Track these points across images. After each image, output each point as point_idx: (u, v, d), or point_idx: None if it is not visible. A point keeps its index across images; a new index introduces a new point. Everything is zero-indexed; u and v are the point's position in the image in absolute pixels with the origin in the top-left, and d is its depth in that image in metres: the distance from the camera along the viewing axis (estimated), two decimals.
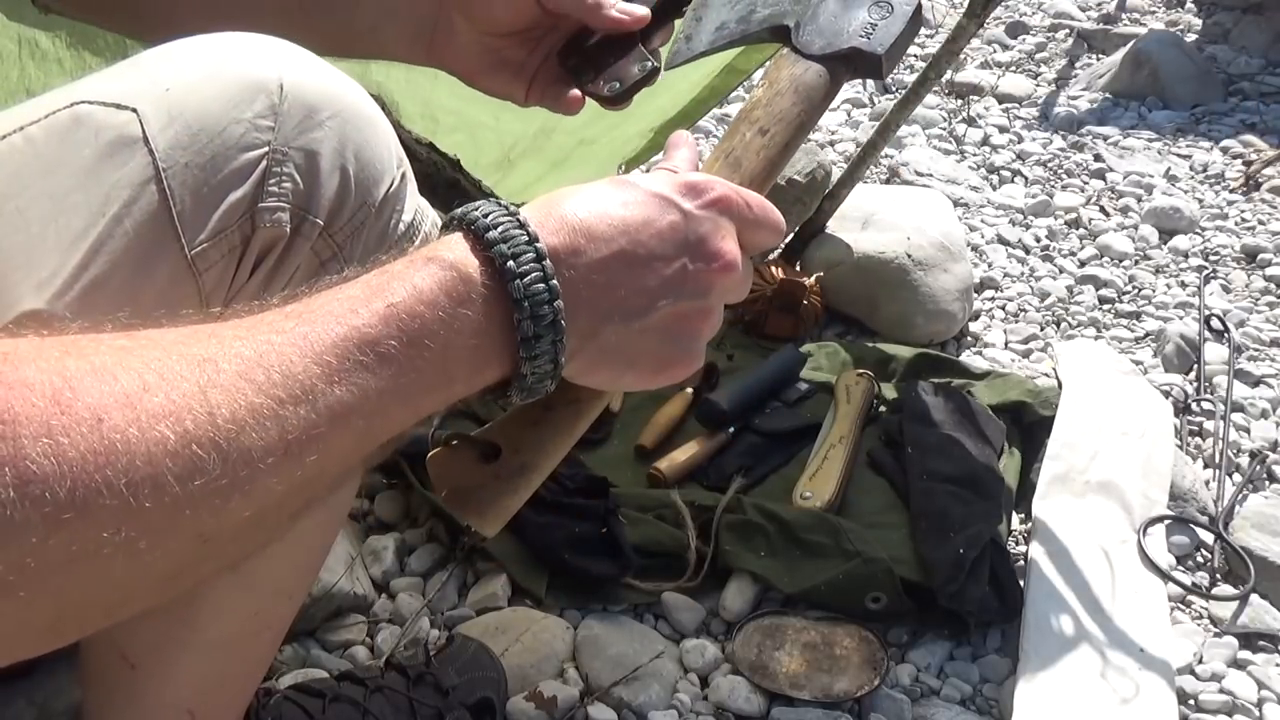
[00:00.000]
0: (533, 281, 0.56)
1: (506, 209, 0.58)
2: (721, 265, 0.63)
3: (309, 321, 0.51)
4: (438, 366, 0.54)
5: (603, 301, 0.59)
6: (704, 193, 0.63)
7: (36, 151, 0.64)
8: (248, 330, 0.50)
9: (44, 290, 0.61)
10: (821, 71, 0.77)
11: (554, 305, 0.56)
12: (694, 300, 0.62)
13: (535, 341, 0.56)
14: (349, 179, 0.70)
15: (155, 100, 0.65)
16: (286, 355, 0.49)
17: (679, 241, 0.61)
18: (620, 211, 0.60)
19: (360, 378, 0.51)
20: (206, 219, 0.65)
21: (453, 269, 0.55)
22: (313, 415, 0.49)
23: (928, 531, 1.36)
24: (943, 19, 3.62)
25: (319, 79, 0.69)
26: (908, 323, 1.89)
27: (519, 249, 0.56)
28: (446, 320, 0.54)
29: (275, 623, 0.88)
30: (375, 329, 0.52)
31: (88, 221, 0.63)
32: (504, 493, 0.66)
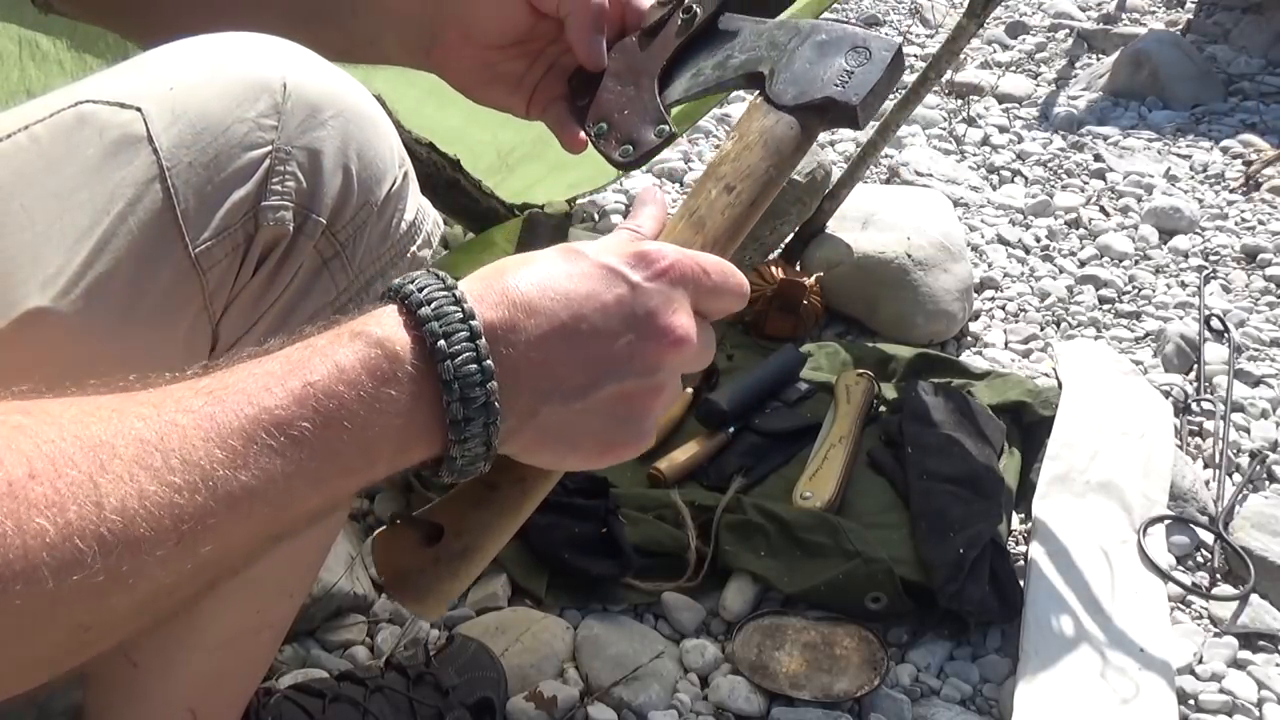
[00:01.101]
0: (465, 362, 0.53)
1: (444, 282, 0.56)
2: (671, 341, 0.60)
3: (219, 400, 0.49)
4: (357, 448, 0.52)
5: (542, 380, 0.57)
6: (654, 263, 0.60)
7: (41, 150, 0.64)
8: (154, 407, 0.48)
9: (49, 288, 0.61)
10: (792, 123, 0.73)
11: (486, 387, 0.54)
12: (641, 378, 0.59)
13: (465, 424, 0.54)
14: (351, 178, 0.70)
15: (159, 99, 0.65)
16: (189, 438, 0.47)
17: (625, 316, 0.58)
18: (564, 285, 0.58)
19: (268, 462, 0.49)
20: (210, 218, 0.65)
21: (378, 346, 0.53)
22: (210, 503, 0.47)
23: (928, 531, 1.36)
24: (943, 19, 3.62)
25: (322, 78, 0.69)
26: (908, 323, 1.89)
27: (451, 327, 0.54)
28: (368, 400, 0.52)
29: (276, 621, 0.89)
30: (288, 409, 0.50)
31: (92, 220, 0.63)
32: (444, 578, 0.63)
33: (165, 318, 0.65)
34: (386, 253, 0.74)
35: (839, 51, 0.74)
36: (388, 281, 0.75)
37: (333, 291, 0.72)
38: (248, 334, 0.69)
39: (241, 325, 0.68)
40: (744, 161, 0.72)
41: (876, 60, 0.73)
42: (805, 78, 0.74)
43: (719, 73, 0.79)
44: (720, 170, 0.72)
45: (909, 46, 3.42)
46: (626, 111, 0.80)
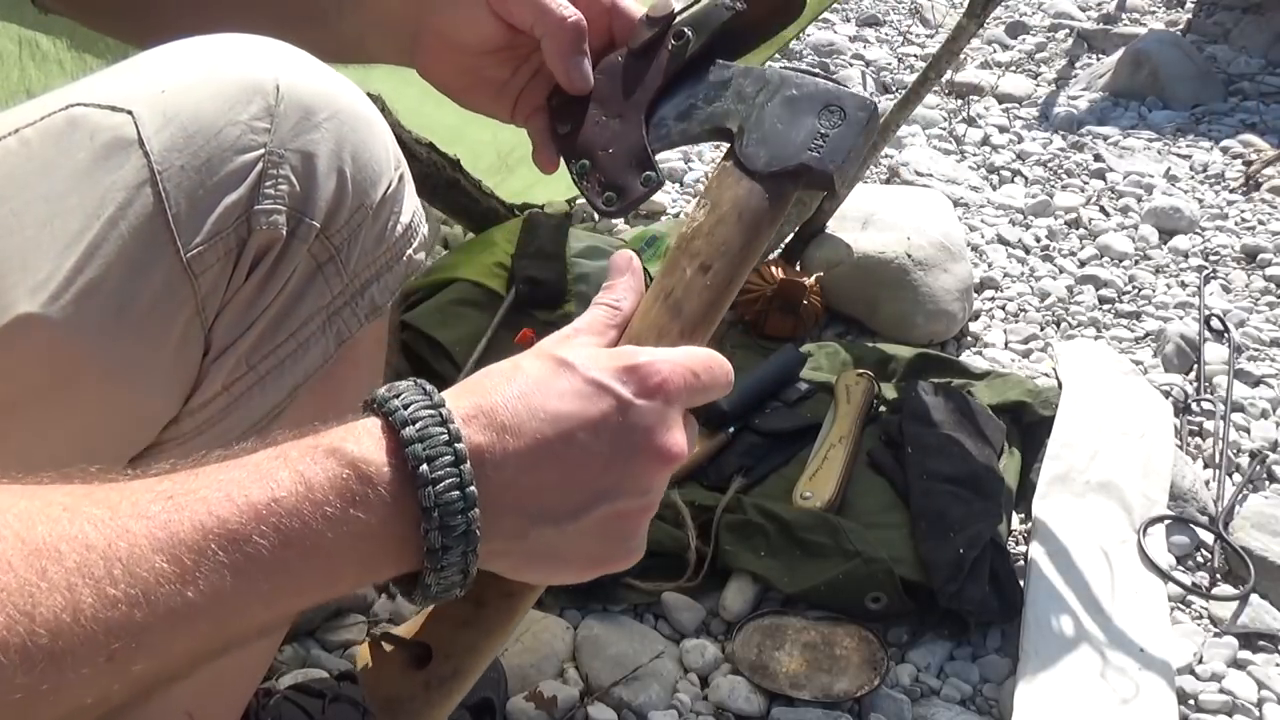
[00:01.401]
0: (447, 489, 0.51)
1: (431, 399, 0.54)
2: (665, 460, 0.58)
3: (177, 508, 0.47)
4: (316, 570, 0.50)
5: (531, 504, 0.55)
6: (647, 379, 0.58)
7: (31, 154, 0.63)
8: (109, 509, 0.47)
9: (39, 294, 0.61)
10: (766, 194, 0.69)
11: (468, 515, 0.52)
12: (635, 499, 0.58)
13: (443, 553, 0.52)
14: (346, 181, 0.69)
15: (150, 102, 0.64)
16: (139, 548, 0.46)
17: (619, 439, 0.57)
18: (555, 405, 0.56)
19: (218, 579, 0.47)
20: (202, 222, 0.64)
21: (352, 466, 0.51)
22: (150, 620, 0.45)
23: (928, 531, 1.36)
24: (943, 19, 3.62)
25: (315, 80, 0.69)
26: (908, 323, 1.89)
27: (436, 450, 0.52)
28: (334, 522, 0.50)
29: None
30: (246, 525, 0.48)
31: (83, 224, 0.62)
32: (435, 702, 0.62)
33: (157, 323, 0.64)
34: (382, 256, 0.73)
35: (811, 110, 0.70)
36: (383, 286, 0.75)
37: (327, 296, 0.71)
38: (241, 338, 0.68)
39: (235, 330, 0.68)
40: (718, 236, 0.68)
41: (852, 122, 0.70)
42: (777, 140, 0.70)
43: (682, 125, 0.75)
44: (694, 246, 0.68)
45: (909, 46, 3.42)
46: (611, 150, 0.76)
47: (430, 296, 1.74)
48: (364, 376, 0.78)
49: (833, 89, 0.71)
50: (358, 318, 0.73)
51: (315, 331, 0.71)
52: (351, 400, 0.71)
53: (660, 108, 0.76)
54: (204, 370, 0.67)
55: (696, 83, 0.75)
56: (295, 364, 0.70)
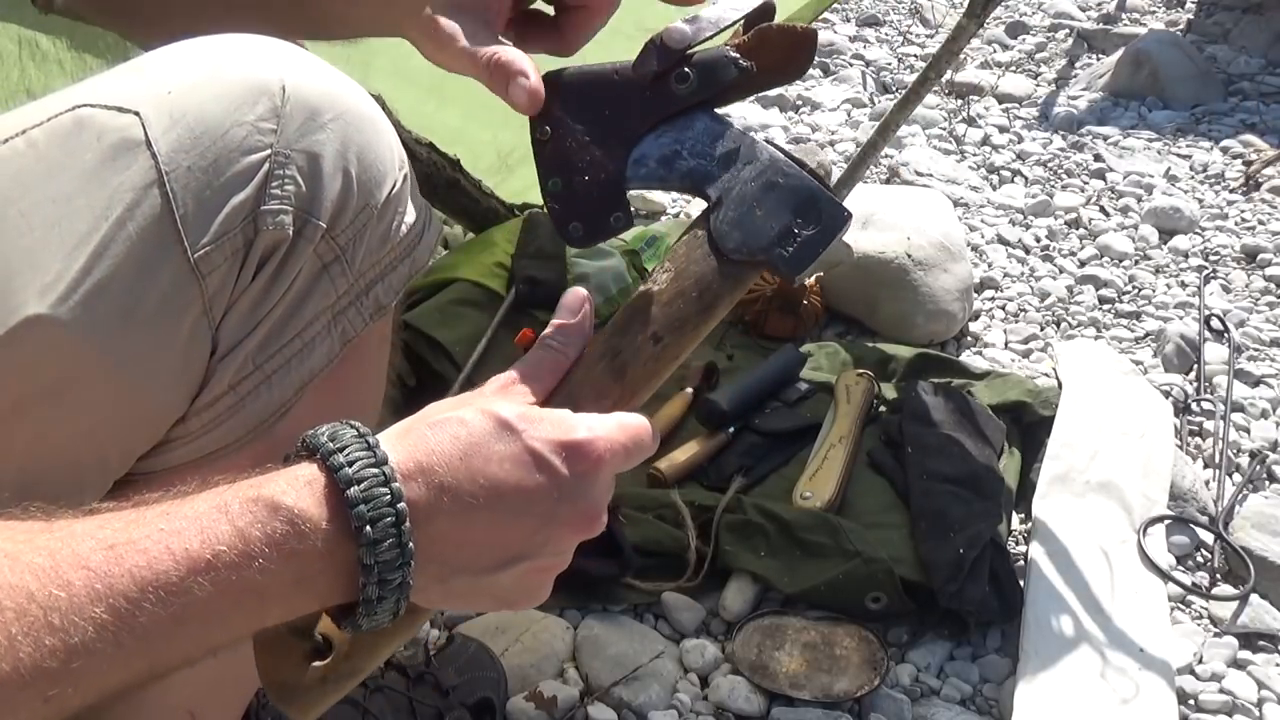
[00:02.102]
0: (388, 549, 0.54)
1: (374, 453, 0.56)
2: (587, 528, 0.62)
3: (117, 559, 0.49)
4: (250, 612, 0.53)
5: (454, 558, 0.58)
6: (585, 457, 0.61)
7: (39, 155, 0.64)
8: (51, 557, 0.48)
9: (47, 295, 0.61)
10: (729, 275, 0.70)
11: (404, 570, 0.55)
12: (552, 558, 0.62)
13: (378, 603, 0.55)
14: (351, 181, 0.69)
15: (157, 103, 0.64)
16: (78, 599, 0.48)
17: (547, 509, 0.60)
18: (493, 471, 0.58)
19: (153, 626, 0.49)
20: (209, 222, 0.64)
21: (290, 523, 0.53)
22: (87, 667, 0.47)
23: (928, 531, 1.36)
24: (943, 19, 3.62)
25: (321, 81, 0.69)
26: (908, 323, 1.89)
27: (379, 512, 0.54)
28: (270, 573, 0.52)
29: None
30: (185, 577, 0.50)
31: (90, 225, 0.62)
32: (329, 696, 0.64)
33: (164, 323, 0.65)
34: (387, 256, 0.74)
35: (788, 206, 0.71)
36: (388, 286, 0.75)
37: (333, 295, 0.71)
38: (248, 338, 0.68)
39: (241, 330, 0.68)
40: (674, 310, 0.69)
41: (826, 231, 0.70)
42: (749, 228, 0.70)
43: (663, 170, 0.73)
44: (650, 313, 0.69)
45: (909, 46, 3.42)
46: (587, 179, 0.74)
47: (430, 296, 1.74)
48: (369, 375, 0.79)
49: (815, 190, 0.71)
50: (363, 317, 0.74)
51: (321, 331, 0.71)
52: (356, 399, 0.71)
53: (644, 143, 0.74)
54: (211, 369, 0.68)
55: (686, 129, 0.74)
56: (301, 363, 0.71)
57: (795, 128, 2.81)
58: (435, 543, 0.57)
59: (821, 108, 2.92)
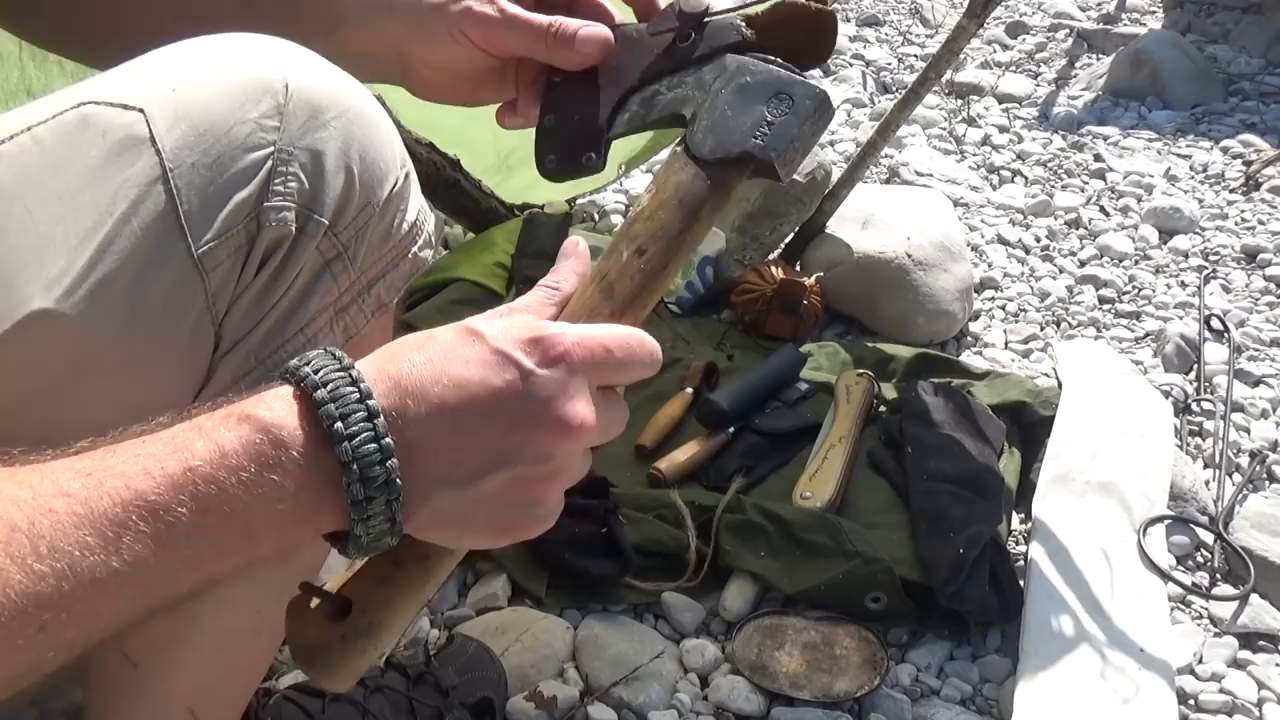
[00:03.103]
0: (363, 442, 0.53)
1: (340, 363, 0.55)
2: (564, 430, 0.59)
3: (96, 484, 0.49)
4: (235, 533, 0.52)
5: (431, 467, 0.56)
6: (549, 349, 0.59)
7: (44, 152, 0.64)
8: (31, 489, 0.48)
9: (52, 290, 0.62)
10: (707, 180, 0.69)
11: (387, 465, 0.54)
12: (534, 466, 0.59)
13: (367, 504, 0.54)
14: (354, 178, 0.70)
15: (161, 100, 0.65)
16: (61, 524, 0.47)
17: (516, 406, 0.58)
18: (458, 371, 0.57)
19: (140, 548, 0.48)
20: (213, 218, 0.65)
21: (265, 431, 0.52)
22: (77, 590, 0.47)
23: (928, 531, 1.36)
24: (943, 19, 3.62)
25: (324, 79, 0.69)
26: (908, 323, 1.89)
27: (349, 408, 0.53)
28: (249, 485, 0.51)
29: (276, 622, 0.88)
30: (164, 495, 0.49)
31: (95, 221, 0.63)
32: (351, 654, 0.63)
33: (168, 319, 0.65)
34: (388, 253, 0.74)
35: (761, 98, 0.70)
36: (390, 283, 0.76)
37: (335, 292, 0.72)
38: (251, 334, 0.69)
39: (244, 326, 0.68)
40: (657, 221, 0.69)
41: (799, 110, 0.69)
42: (724, 128, 0.70)
43: (644, 111, 0.75)
44: (634, 230, 0.69)
45: (909, 46, 3.42)
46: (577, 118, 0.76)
47: (430, 296, 1.74)
48: None
49: (784, 77, 0.71)
50: (364, 314, 0.74)
51: (323, 327, 0.72)
52: None
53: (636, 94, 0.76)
54: (214, 365, 0.68)
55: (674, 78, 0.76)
56: None
57: None
58: (411, 450, 0.55)
59: None
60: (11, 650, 0.46)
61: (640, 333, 0.64)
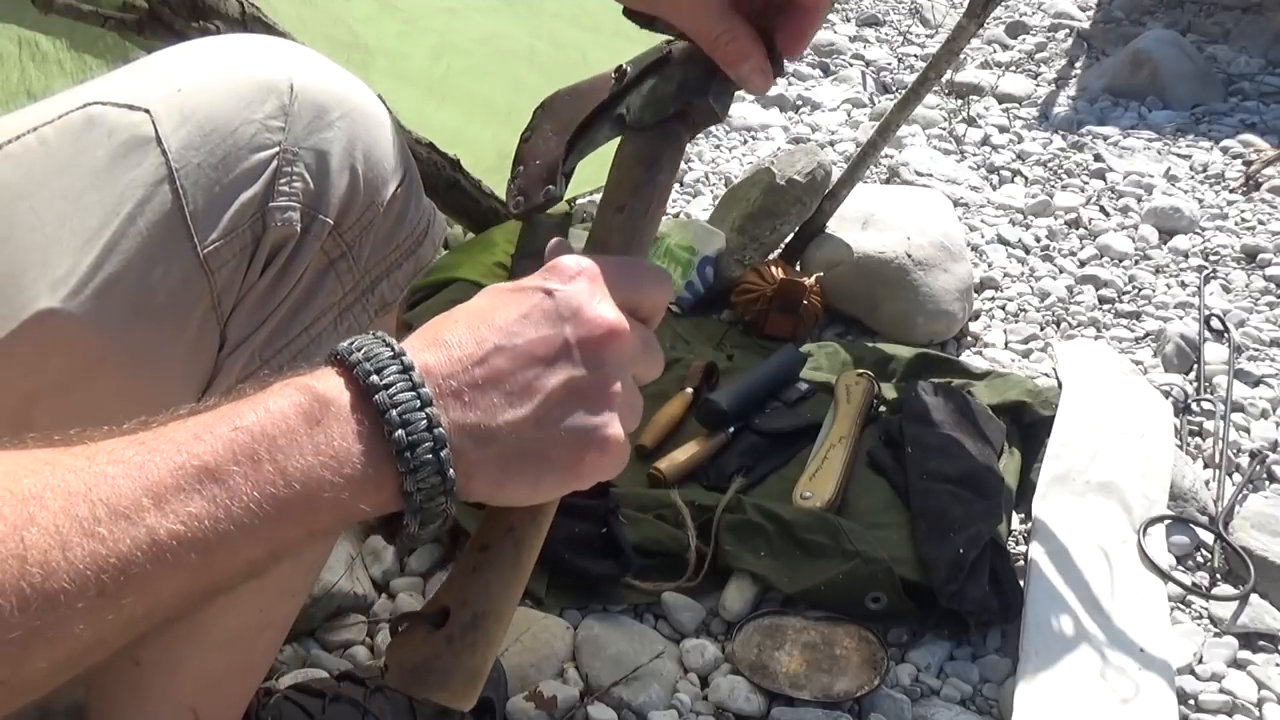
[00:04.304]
0: (399, 390, 0.53)
1: (378, 335, 0.56)
2: (605, 330, 0.58)
3: (150, 449, 0.49)
4: (291, 493, 0.51)
5: (487, 398, 0.55)
6: (564, 270, 0.60)
7: (50, 152, 0.65)
8: (87, 459, 0.48)
9: (59, 289, 0.62)
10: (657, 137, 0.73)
11: (426, 411, 0.53)
12: (588, 370, 0.58)
13: (412, 452, 0.52)
14: (358, 178, 0.70)
15: (167, 101, 0.65)
16: (118, 488, 0.47)
17: (552, 317, 0.58)
18: (488, 313, 0.58)
19: (196, 508, 0.48)
20: (218, 218, 0.65)
21: (308, 391, 0.52)
22: (136, 553, 0.47)
23: (928, 531, 1.36)
24: (943, 19, 3.62)
25: (328, 80, 0.70)
26: (908, 323, 1.89)
27: (382, 363, 0.53)
28: (300, 443, 0.51)
29: (279, 621, 0.89)
30: (217, 455, 0.49)
31: (101, 221, 0.63)
32: (462, 654, 0.59)
33: (174, 318, 0.66)
34: (392, 253, 0.75)
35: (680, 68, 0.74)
36: (393, 283, 0.76)
37: (339, 292, 0.72)
38: (255, 333, 0.69)
39: (249, 325, 0.69)
40: (626, 180, 0.72)
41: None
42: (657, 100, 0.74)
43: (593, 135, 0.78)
44: (610, 196, 0.72)
45: (909, 46, 3.42)
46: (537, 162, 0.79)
47: (430, 296, 1.74)
48: None
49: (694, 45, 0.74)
50: (368, 313, 0.75)
51: (327, 326, 0.72)
52: None
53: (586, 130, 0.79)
54: (219, 364, 0.69)
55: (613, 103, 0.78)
56: (307, 358, 0.72)
57: (795, 128, 2.81)
58: (461, 391, 0.54)
59: (821, 108, 2.92)
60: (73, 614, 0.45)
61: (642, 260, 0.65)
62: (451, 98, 1.84)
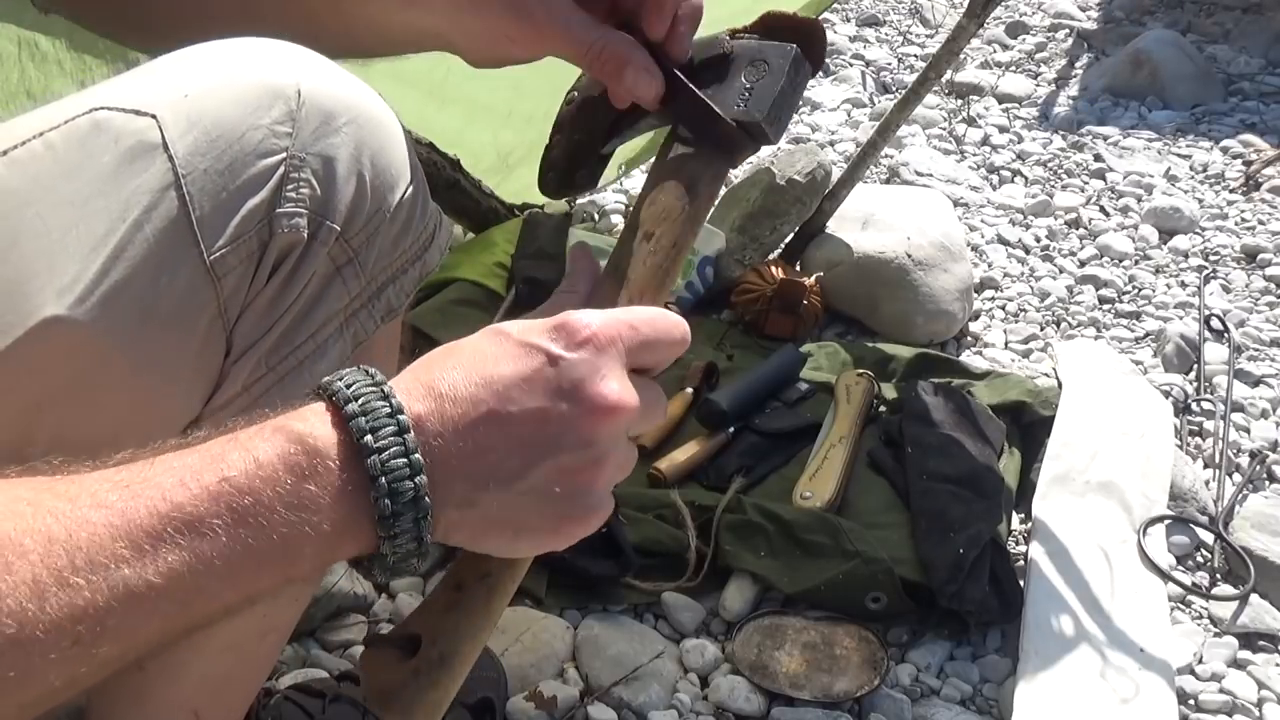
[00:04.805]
0: (392, 456, 0.52)
1: (373, 378, 0.55)
2: (602, 410, 0.57)
3: (133, 495, 0.49)
4: (272, 546, 0.51)
5: (475, 467, 0.55)
6: (575, 333, 0.58)
7: (56, 157, 0.64)
8: (70, 502, 0.48)
9: (65, 296, 0.62)
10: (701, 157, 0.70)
11: (415, 481, 0.53)
12: (577, 452, 0.57)
13: (394, 520, 0.53)
14: (365, 184, 0.70)
15: (174, 106, 0.65)
16: (98, 536, 0.47)
17: (550, 391, 0.57)
18: (488, 369, 0.56)
19: (176, 560, 0.48)
20: (225, 225, 0.65)
21: (299, 442, 0.52)
22: (112, 604, 0.47)
23: (928, 531, 1.36)
24: (943, 19, 3.62)
25: (336, 85, 0.70)
26: (908, 323, 1.89)
27: (379, 421, 0.53)
28: (285, 497, 0.51)
29: (281, 625, 0.89)
30: (200, 506, 0.49)
31: (108, 228, 0.63)
32: (426, 688, 0.62)
33: (180, 325, 0.65)
34: (399, 259, 0.74)
35: (735, 74, 0.71)
36: (399, 289, 0.76)
37: (345, 298, 0.72)
38: (262, 340, 0.69)
39: (256, 332, 0.69)
40: (659, 205, 0.69)
41: (775, 70, 0.70)
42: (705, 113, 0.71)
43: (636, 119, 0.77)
44: (639, 217, 0.69)
45: (909, 46, 3.42)
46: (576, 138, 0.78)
47: (430, 296, 1.74)
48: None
49: (755, 45, 0.72)
50: (374, 319, 0.74)
51: (334, 333, 0.72)
52: None
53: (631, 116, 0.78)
54: (225, 371, 0.69)
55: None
56: (314, 365, 0.71)
57: (795, 128, 2.81)
58: (449, 456, 0.55)
59: (821, 108, 2.92)
60: (45, 664, 0.45)
61: (664, 311, 0.64)
62: (452, 100, 1.84)
